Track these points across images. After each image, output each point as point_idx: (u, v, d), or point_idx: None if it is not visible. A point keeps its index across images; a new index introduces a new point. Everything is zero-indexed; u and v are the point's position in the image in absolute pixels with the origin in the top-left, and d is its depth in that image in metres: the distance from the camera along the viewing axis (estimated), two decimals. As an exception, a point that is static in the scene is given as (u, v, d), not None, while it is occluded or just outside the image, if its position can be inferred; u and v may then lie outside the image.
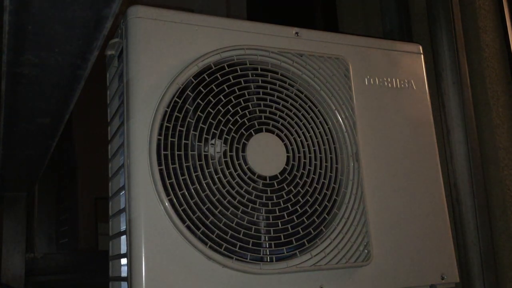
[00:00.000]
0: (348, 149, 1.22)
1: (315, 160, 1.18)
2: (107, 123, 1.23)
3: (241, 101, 1.14)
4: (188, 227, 1.03)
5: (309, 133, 1.19)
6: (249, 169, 1.11)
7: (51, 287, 1.99)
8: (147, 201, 1.02)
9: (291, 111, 1.19)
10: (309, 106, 1.21)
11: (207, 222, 1.06)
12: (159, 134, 1.06)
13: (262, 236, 1.10)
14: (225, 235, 1.06)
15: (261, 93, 1.16)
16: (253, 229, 1.09)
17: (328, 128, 1.22)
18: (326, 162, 1.19)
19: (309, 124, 1.20)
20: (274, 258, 1.09)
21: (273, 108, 1.17)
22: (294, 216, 1.13)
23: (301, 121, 1.19)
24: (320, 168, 1.18)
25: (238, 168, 1.10)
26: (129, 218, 1.03)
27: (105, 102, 1.25)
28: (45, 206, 2.51)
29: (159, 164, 1.04)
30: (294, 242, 1.12)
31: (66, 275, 2.03)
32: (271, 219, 1.11)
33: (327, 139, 1.21)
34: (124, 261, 1.11)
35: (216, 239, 1.05)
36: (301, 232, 1.13)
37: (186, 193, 1.05)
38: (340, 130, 1.23)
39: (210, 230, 1.05)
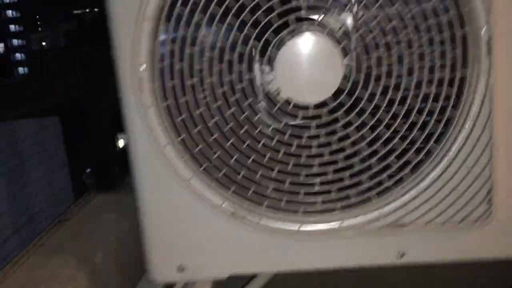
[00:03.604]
0: (476, 33, 0.70)
1: (402, 64, 0.71)
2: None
3: (264, -14, 0.71)
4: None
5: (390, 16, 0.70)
6: (279, 95, 0.74)
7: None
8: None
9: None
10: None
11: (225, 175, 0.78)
12: (151, 54, 0.76)
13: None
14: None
15: (299, -35, 0.70)
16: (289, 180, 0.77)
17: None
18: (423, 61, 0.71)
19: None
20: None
21: (322, -12, 0.70)
22: (353, 161, 0.76)
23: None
24: (411, 76, 0.72)
25: (262, 94, 0.74)
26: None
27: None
28: None
29: (154, 99, 0.77)
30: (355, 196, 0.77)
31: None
32: (317, 165, 0.76)
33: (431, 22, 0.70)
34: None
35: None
36: (365, 183, 0.76)
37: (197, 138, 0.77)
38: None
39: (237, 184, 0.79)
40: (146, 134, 0.78)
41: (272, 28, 0.71)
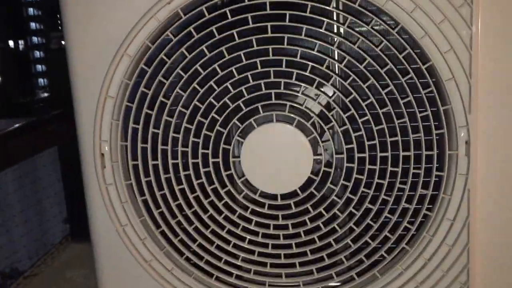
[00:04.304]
0: (452, 124, 0.65)
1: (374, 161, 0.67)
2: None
3: (233, 70, 0.67)
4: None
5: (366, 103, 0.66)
6: (246, 184, 0.70)
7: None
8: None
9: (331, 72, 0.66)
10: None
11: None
12: (113, 132, 0.72)
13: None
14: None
15: (270, 53, 0.66)
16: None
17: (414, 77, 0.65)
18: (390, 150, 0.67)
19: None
20: (289, 309, 0.74)
21: (294, 77, 0.66)
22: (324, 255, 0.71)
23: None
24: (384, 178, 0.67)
25: (228, 182, 0.70)
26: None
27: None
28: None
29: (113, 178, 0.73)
30: (321, 293, 0.72)
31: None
32: (283, 257, 0.72)
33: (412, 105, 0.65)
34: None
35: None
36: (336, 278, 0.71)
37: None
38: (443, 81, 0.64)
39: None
40: (107, 212, 0.74)
41: (238, 116, 0.67)
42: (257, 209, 0.71)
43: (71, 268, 1.10)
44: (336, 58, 0.66)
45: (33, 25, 1.82)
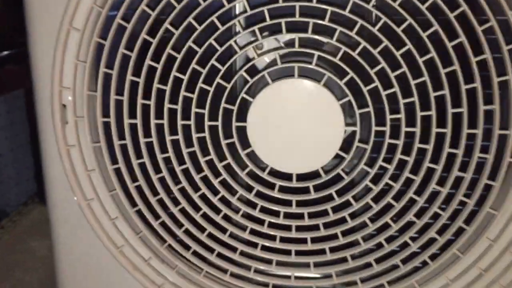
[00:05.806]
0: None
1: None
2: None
3: (244, 3, 0.48)
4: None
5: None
6: (252, 159, 0.53)
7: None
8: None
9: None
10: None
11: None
12: (79, 77, 0.54)
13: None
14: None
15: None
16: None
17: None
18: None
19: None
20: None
21: (327, 17, 0.48)
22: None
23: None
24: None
25: (228, 154, 0.53)
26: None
27: None
28: None
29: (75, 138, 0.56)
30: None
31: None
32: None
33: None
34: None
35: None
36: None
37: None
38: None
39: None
40: (67, 182, 0.57)
41: (247, 66, 0.49)
42: (265, 191, 0.54)
43: (33, 236, 0.93)
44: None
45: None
